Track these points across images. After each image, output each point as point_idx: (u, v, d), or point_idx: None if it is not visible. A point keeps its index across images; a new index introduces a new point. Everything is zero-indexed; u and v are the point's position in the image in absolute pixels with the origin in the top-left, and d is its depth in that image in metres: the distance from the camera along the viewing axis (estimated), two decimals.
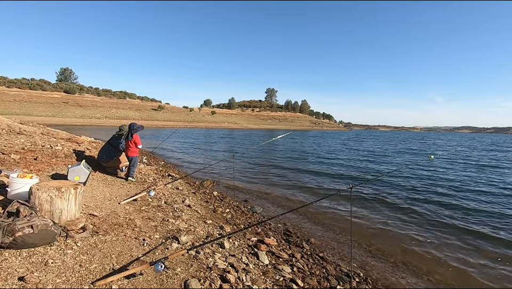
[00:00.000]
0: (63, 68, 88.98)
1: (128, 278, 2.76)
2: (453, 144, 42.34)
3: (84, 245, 3.27)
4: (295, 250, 4.55)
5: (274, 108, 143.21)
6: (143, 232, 3.94)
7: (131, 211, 4.71)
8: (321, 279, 3.73)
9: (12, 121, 12.12)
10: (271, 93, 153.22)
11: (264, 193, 8.73)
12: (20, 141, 8.14)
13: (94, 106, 72.94)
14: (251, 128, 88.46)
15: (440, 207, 7.64)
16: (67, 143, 9.29)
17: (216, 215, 5.74)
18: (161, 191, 6.32)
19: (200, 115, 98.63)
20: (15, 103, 58.38)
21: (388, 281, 4.04)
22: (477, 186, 10.50)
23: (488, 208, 7.68)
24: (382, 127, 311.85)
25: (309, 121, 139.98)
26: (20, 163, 6.07)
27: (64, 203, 3.57)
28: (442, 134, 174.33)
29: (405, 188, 9.79)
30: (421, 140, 53.71)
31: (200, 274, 3.09)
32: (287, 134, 13.70)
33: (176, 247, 3.68)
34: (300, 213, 6.66)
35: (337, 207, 7.27)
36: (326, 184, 10.40)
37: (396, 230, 5.96)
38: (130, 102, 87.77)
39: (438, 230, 6.03)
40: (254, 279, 3.25)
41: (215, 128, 73.46)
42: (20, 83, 71.59)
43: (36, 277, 2.52)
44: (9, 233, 2.82)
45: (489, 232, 5.93)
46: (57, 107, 63.77)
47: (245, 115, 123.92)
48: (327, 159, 18.23)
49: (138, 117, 69.71)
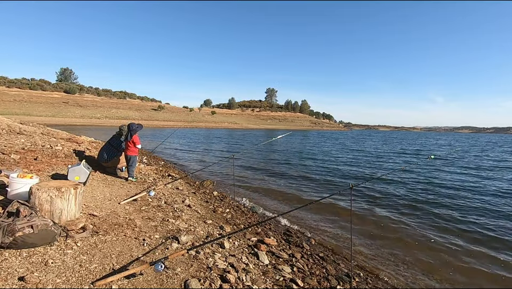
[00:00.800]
0: (63, 68, 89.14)
1: (128, 278, 2.76)
2: (455, 144, 42.33)
3: (84, 245, 3.27)
4: (295, 250, 4.55)
5: (274, 108, 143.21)
6: (143, 232, 3.94)
7: (131, 211, 4.71)
8: (321, 279, 3.73)
9: (12, 121, 12.13)
10: (271, 93, 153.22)
11: (264, 193, 8.73)
12: (20, 141, 8.14)
13: (94, 106, 72.93)
14: (251, 128, 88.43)
15: (440, 206, 7.64)
16: (67, 143, 9.29)
17: (216, 215, 5.74)
18: (161, 191, 6.32)
19: (200, 115, 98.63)
20: (15, 103, 58.38)
21: (388, 281, 4.04)
22: (477, 186, 10.50)
23: (488, 206, 7.68)
24: (382, 127, 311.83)
25: (309, 121, 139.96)
26: (20, 163, 6.07)
27: (64, 203, 3.57)
28: (442, 134, 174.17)
29: (405, 188, 9.79)
30: (421, 140, 53.65)
31: (200, 274, 3.09)
32: (287, 134, 13.70)
33: (176, 247, 3.68)
34: (300, 213, 6.67)
35: (337, 207, 7.27)
36: (326, 184, 10.40)
37: (396, 230, 5.96)
38: (130, 102, 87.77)
39: (438, 229, 6.02)
40: (254, 279, 3.25)
41: (215, 128, 73.44)
42: (20, 83, 71.59)
43: (36, 277, 2.52)
44: (9, 233, 2.82)
45: (490, 232, 5.93)
46: (57, 107, 63.77)
47: (245, 115, 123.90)
48: (327, 159, 18.23)
49: (138, 117, 69.72)
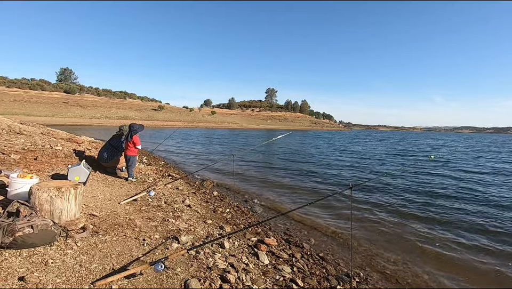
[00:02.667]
0: (63, 68, 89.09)
1: (128, 278, 2.76)
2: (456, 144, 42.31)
3: (84, 245, 3.27)
4: (295, 250, 4.55)
5: (274, 108, 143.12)
6: (143, 232, 3.94)
7: (131, 211, 4.71)
8: (321, 279, 3.73)
9: (12, 121, 12.12)
10: (271, 93, 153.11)
11: (264, 193, 8.73)
12: (20, 141, 8.14)
13: (94, 106, 72.88)
14: (251, 128, 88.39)
15: (441, 206, 7.63)
16: (67, 143, 9.29)
17: (216, 215, 5.74)
18: (161, 191, 6.32)
19: (200, 115, 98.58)
20: (15, 103, 58.35)
21: (388, 281, 4.04)
22: (476, 186, 10.50)
23: (487, 202, 7.68)
24: (382, 127, 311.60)
25: (309, 121, 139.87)
26: (20, 163, 6.07)
27: (64, 203, 3.57)
28: (442, 134, 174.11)
29: (405, 188, 9.78)
30: (421, 141, 53.62)
31: (200, 274, 3.09)
32: (287, 134, 13.72)
33: (176, 247, 3.68)
34: (300, 213, 6.66)
35: (337, 207, 7.27)
36: (326, 184, 10.40)
37: (396, 230, 5.95)
38: (130, 102, 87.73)
39: (439, 229, 6.02)
40: (254, 279, 3.25)
41: (215, 128, 73.38)
42: (19, 83, 71.57)
43: (36, 276, 2.52)
44: (9, 233, 2.82)
45: (490, 231, 5.93)
46: (57, 107, 63.74)
47: (245, 115, 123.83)
48: (327, 159, 18.23)
49: (138, 117, 69.66)
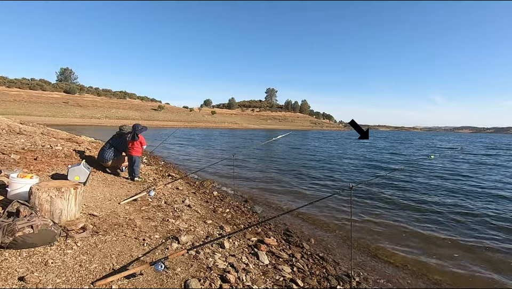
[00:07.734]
0: (63, 68, 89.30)
1: (128, 278, 2.76)
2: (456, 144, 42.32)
3: (84, 245, 3.27)
4: (295, 250, 4.55)
5: (274, 108, 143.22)
6: (143, 232, 3.94)
7: (131, 211, 4.71)
8: (321, 279, 3.73)
9: (12, 121, 12.12)
10: (271, 93, 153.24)
11: (264, 193, 8.72)
12: (20, 141, 8.14)
13: (94, 106, 72.96)
14: (251, 128, 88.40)
15: (441, 206, 7.62)
16: (67, 143, 9.29)
17: (216, 215, 5.74)
18: (161, 191, 6.32)
19: (200, 115, 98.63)
20: (15, 103, 58.39)
21: (388, 281, 4.04)
22: (476, 185, 10.50)
23: (487, 204, 7.68)
24: (382, 127, 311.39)
25: (309, 121, 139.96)
26: (20, 163, 6.07)
27: (64, 203, 3.57)
28: (442, 134, 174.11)
29: (405, 188, 9.78)
30: (421, 140, 53.65)
31: (200, 274, 3.09)
32: (287, 134, 13.72)
33: (176, 247, 3.68)
34: (300, 213, 6.66)
35: (337, 207, 7.26)
36: (326, 184, 10.40)
37: (396, 230, 5.95)
38: (130, 102, 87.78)
39: (440, 229, 6.02)
40: (254, 279, 3.25)
41: (215, 128, 73.39)
42: (19, 83, 71.63)
43: (36, 276, 2.52)
44: (9, 233, 2.82)
45: (492, 230, 5.93)
46: (57, 107, 63.79)
47: (245, 115, 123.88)
48: (327, 159, 18.22)
49: (138, 117, 69.70)
